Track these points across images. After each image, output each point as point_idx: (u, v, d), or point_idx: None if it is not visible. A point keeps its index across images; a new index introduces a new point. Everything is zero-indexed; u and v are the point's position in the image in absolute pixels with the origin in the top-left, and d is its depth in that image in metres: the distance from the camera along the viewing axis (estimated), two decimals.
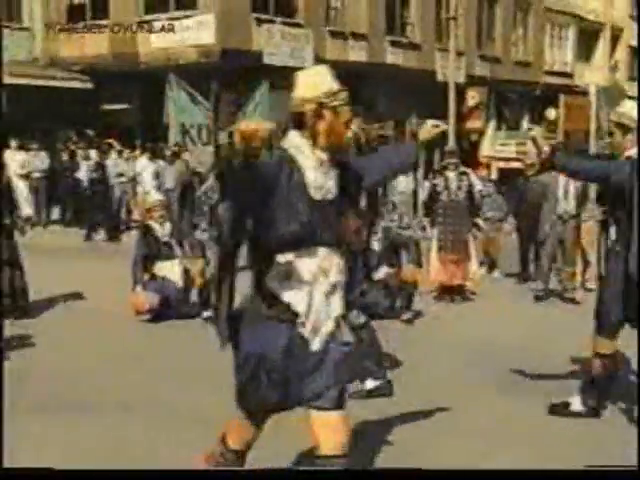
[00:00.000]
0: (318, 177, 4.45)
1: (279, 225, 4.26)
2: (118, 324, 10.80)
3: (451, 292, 13.17)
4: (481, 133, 37.32)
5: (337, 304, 4.56)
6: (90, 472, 4.43)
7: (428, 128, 5.26)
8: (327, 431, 4.53)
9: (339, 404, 4.55)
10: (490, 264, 15.83)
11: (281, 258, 4.33)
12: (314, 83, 4.52)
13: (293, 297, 4.36)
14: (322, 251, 4.41)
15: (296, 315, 4.37)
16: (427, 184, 13.50)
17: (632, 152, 6.95)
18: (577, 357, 8.45)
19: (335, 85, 4.66)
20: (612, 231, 7.56)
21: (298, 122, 4.42)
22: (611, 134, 7.13)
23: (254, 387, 4.47)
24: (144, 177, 19.02)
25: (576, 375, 8.09)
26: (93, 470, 4.43)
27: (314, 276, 4.36)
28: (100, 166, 20.81)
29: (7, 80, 27.45)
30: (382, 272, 11.13)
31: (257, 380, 4.46)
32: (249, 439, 4.81)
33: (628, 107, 7.99)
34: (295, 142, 4.40)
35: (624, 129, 7.01)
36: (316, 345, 4.46)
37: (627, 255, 6.72)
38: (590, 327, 7.23)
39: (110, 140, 23.32)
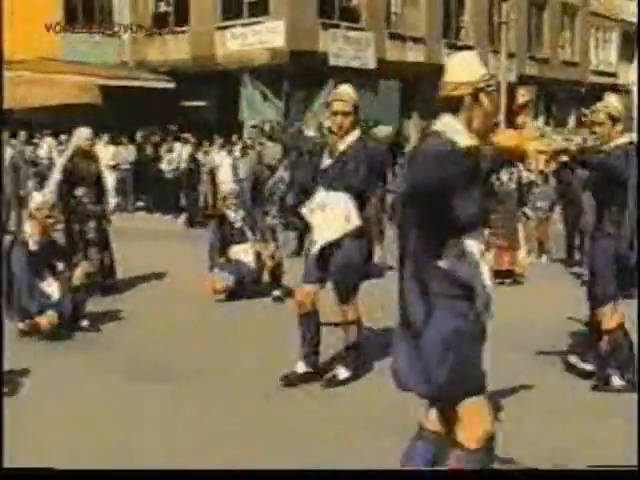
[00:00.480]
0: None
1: (460, 210, 4.00)
2: (196, 301, 10.86)
3: (501, 276, 13.06)
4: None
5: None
6: (90, 472, 4.29)
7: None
8: (477, 419, 4.07)
9: None
10: (538, 251, 15.67)
11: (454, 241, 4.07)
12: (469, 68, 4.25)
13: (469, 275, 4.09)
14: (481, 233, 4.29)
15: (473, 292, 4.08)
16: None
17: (619, 141, 6.93)
18: None
19: (488, 70, 4.35)
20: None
21: (454, 106, 4.14)
22: (600, 124, 7.01)
23: (471, 364, 4.04)
24: (221, 168, 19.07)
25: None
26: (93, 470, 4.29)
27: (480, 256, 4.19)
28: (193, 158, 20.79)
29: (100, 82, 27.99)
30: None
31: (471, 357, 4.05)
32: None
33: (612, 100, 7.81)
34: (453, 126, 4.12)
35: (613, 120, 6.98)
36: (488, 322, 4.21)
37: (619, 236, 6.86)
38: (628, 309, 7.17)
39: (186, 135, 23.43)
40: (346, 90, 7.18)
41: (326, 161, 7.05)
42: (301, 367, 7.18)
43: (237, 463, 5.33)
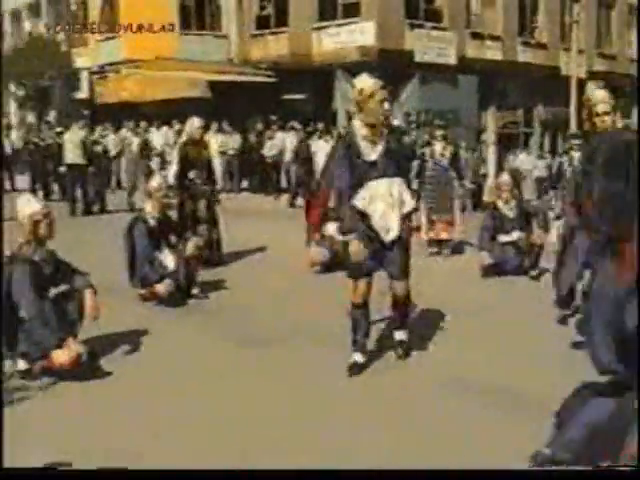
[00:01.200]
0: None
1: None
2: (294, 273, 10.84)
3: None
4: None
5: None
6: (90, 472, 4.11)
7: None
8: None
9: None
10: None
11: None
12: None
13: None
14: None
15: None
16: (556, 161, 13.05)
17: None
18: None
19: None
20: None
21: None
22: (607, 113, 6.73)
23: None
24: (319, 155, 18.98)
25: None
26: (94, 470, 4.10)
27: None
28: (305, 146, 20.53)
29: (209, 77, 28.24)
30: (515, 235, 10.86)
31: None
32: None
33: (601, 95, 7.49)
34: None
35: (614, 109, 6.73)
36: None
37: None
38: None
39: (293, 123, 23.51)
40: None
41: (372, 154, 6.37)
42: (360, 357, 6.49)
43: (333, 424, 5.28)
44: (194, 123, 11.55)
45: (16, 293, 6.14)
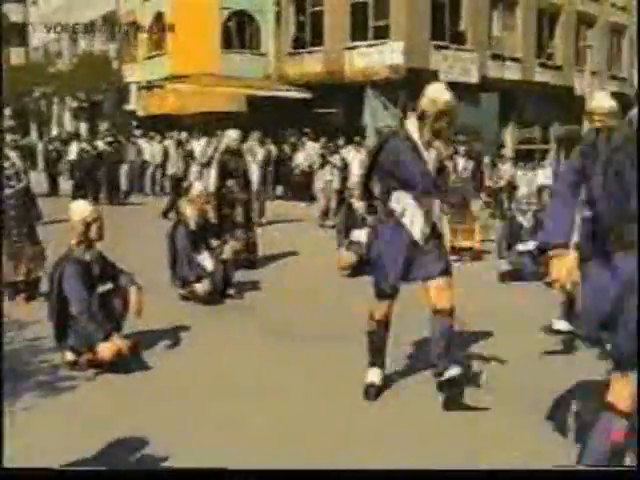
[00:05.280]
0: None
1: None
2: (325, 275, 10.79)
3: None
4: None
5: None
6: (90, 472, 4.03)
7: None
8: None
9: None
10: None
11: None
12: None
13: None
14: None
15: None
16: None
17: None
18: None
19: None
20: None
21: None
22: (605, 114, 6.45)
23: None
24: (352, 165, 18.91)
25: None
26: (93, 470, 4.05)
27: None
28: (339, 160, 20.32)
29: (247, 92, 28.30)
30: (531, 244, 10.74)
31: None
32: None
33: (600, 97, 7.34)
34: None
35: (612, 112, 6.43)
36: None
37: None
38: None
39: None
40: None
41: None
42: (377, 378, 5.77)
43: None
44: (231, 135, 11.59)
45: (67, 290, 6.18)
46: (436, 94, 5.39)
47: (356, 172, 16.83)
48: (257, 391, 5.81)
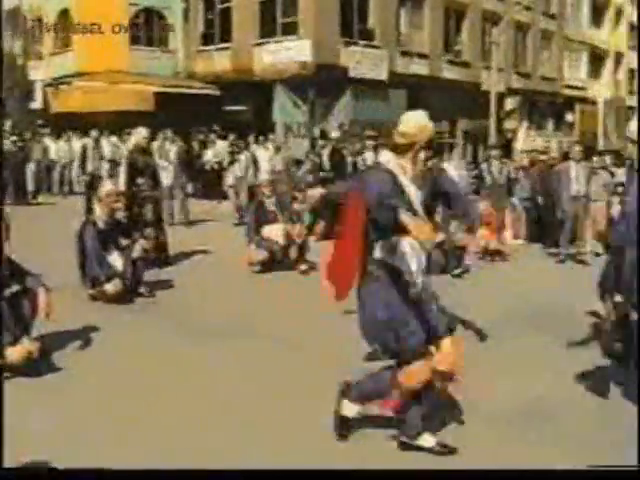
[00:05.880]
0: None
1: None
2: (235, 272, 10.84)
3: (491, 253, 12.97)
4: (514, 132, 36.86)
5: None
6: (90, 472, 4.01)
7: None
8: None
9: None
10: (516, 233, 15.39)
11: None
12: None
13: None
14: None
15: None
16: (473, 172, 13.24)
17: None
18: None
19: None
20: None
21: None
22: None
23: None
24: (261, 163, 18.90)
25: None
26: (93, 470, 4.01)
27: None
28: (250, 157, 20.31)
29: (156, 89, 27.97)
30: (440, 237, 10.98)
31: None
32: None
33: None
34: None
35: None
36: None
37: None
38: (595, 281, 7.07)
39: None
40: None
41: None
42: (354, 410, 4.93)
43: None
44: (140, 133, 11.52)
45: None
46: (423, 120, 4.66)
47: (265, 169, 16.90)
48: (172, 390, 5.84)
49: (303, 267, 11.03)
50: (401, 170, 4.55)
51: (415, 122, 4.60)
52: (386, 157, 4.64)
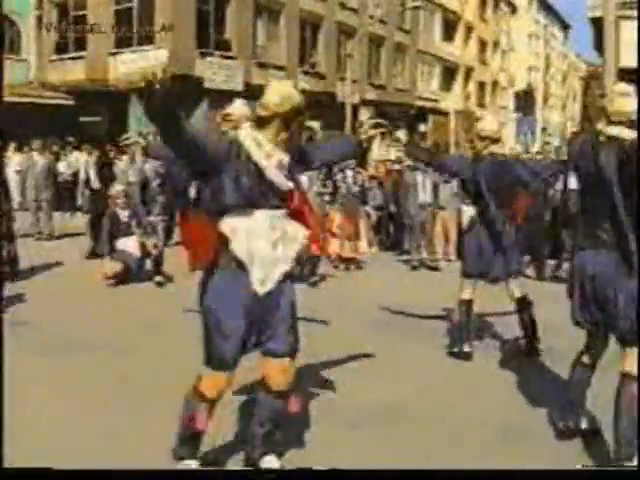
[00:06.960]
0: None
1: None
2: (89, 286, 10.62)
3: (346, 261, 13.18)
4: (369, 142, 37.59)
5: None
6: (90, 472, 3.95)
7: (367, 128, 4.86)
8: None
9: None
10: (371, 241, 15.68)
11: None
12: None
13: None
14: None
15: None
16: (328, 182, 13.38)
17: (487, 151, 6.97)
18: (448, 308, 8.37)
19: None
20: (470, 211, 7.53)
21: None
22: (471, 141, 7.10)
23: None
24: (118, 175, 18.54)
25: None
26: (93, 470, 3.97)
27: None
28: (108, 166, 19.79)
29: (6, 99, 27.05)
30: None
31: None
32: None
33: (487, 122, 7.86)
34: None
35: (482, 139, 6.95)
36: None
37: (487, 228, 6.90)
38: (447, 286, 7.30)
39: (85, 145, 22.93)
40: None
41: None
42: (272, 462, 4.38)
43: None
44: None
45: None
46: (286, 89, 4.19)
47: (122, 181, 16.61)
48: (37, 407, 5.67)
49: (158, 279, 10.91)
50: (253, 142, 4.10)
51: (277, 91, 4.11)
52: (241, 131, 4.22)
